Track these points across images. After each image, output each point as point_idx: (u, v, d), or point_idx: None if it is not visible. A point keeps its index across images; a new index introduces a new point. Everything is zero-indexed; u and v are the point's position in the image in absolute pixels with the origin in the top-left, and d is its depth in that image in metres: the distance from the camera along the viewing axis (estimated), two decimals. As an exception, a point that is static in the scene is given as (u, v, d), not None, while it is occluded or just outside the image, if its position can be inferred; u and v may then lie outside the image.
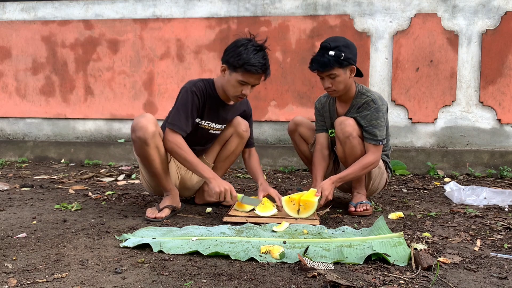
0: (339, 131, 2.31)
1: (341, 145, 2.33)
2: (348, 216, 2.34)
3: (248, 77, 2.14)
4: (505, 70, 3.80)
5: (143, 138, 2.10)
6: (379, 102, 2.31)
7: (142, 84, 4.26)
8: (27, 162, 4.25)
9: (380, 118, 2.30)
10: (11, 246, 1.78)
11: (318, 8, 4.00)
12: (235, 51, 2.14)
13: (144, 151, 2.15)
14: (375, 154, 2.30)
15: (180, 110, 2.20)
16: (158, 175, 2.24)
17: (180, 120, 2.19)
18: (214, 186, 2.15)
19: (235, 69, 2.15)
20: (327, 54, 2.21)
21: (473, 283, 1.45)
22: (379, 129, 2.30)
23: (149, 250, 1.73)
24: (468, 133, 3.92)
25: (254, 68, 2.11)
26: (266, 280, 1.45)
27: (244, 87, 2.18)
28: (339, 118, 2.35)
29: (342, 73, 2.24)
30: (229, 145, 2.47)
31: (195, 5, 4.15)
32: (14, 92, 4.45)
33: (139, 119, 2.13)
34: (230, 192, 2.16)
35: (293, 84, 4.05)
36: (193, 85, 2.25)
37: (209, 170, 2.22)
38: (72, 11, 4.33)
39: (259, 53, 2.13)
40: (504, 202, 2.59)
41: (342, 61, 2.20)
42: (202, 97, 2.26)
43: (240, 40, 2.19)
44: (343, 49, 2.21)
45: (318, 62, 2.24)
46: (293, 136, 2.70)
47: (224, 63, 2.21)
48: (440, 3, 3.86)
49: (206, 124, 2.34)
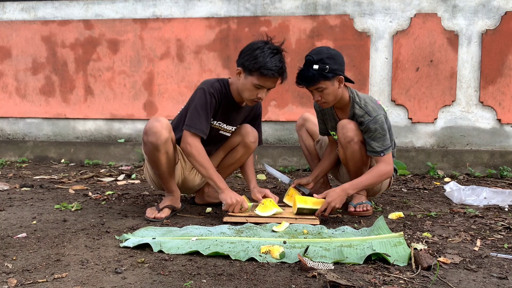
0: (341, 135, 2.29)
1: (343, 149, 2.33)
2: (348, 216, 2.34)
3: (264, 81, 2.10)
4: (505, 70, 3.80)
5: (155, 144, 2.09)
6: (373, 114, 2.24)
7: (142, 84, 4.26)
8: (27, 162, 4.25)
9: (377, 130, 2.23)
10: (11, 246, 1.78)
11: (318, 8, 4.00)
12: (251, 54, 2.09)
13: (153, 155, 2.14)
14: (385, 163, 2.24)
15: (201, 112, 2.16)
16: (163, 177, 2.25)
17: (200, 122, 2.16)
18: (226, 198, 2.17)
19: (251, 73, 2.10)
20: (311, 68, 2.16)
21: (473, 283, 1.45)
22: (377, 141, 2.23)
23: (149, 250, 1.73)
24: (468, 133, 3.92)
25: (270, 72, 2.07)
26: (266, 280, 1.45)
27: (260, 91, 2.14)
28: (342, 121, 2.32)
29: (329, 85, 2.19)
30: (235, 153, 2.44)
31: (195, 5, 4.15)
32: (14, 92, 4.45)
33: (154, 123, 2.10)
34: (242, 204, 2.19)
35: (293, 84, 4.02)
36: (210, 86, 2.21)
37: (222, 180, 2.21)
38: (72, 11, 4.33)
39: (275, 56, 2.09)
40: (504, 202, 2.59)
41: (327, 73, 2.15)
42: (219, 98, 2.23)
43: (256, 42, 2.14)
44: (327, 61, 2.15)
45: (303, 78, 2.19)
46: (300, 131, 2.71)
47: (239, 66, 2.16)
48: (440, 3, 3.86)
49: (217, 124, 2.32)
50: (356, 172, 2.36)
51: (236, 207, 2.18)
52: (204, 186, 2.54)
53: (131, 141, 4.30)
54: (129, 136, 4.33)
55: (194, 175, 2.46)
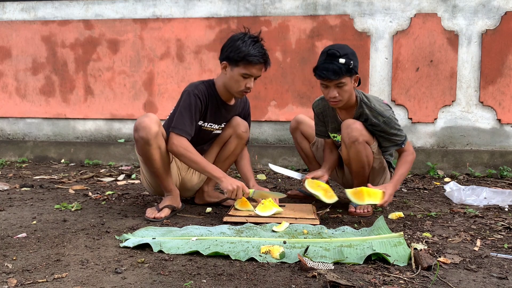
0: (345, 134, 2.27)
1: (347, 148, 2.30)
2: (348, 216, 2.34)
3: (250, 68, 2.16)
4: (505, 70, 3.80)
5: (146, 138, 2.10)
6: (386, 114, 2.27)
7: (142, 84, 4.26)
8: (27, 162, 4.25)
9: (393, 127, 2.29)
10: (11, 246, 1.78)
11: (318, 8, 4.00)
12: (234, 46, 2.16)
13: (146, 151, 2.15)
14: (408, 151, 2.37)
15: (184, 113, 2.20)
16: (159, 175, 2.25)
17: (184, 123, 2.19)
18: (226, 185, 2.18)
19: (237, 63, 2.16)
20: (337, 61, 2.14)
21: (473, 283, 1.45)
22: (396, 136, 2.31)
23: (149, 250, 1.73)
24: (468, 133, 3.92)
25: (256, 58, 2.14)
26: (266, 280, 1.45)
27: (248, 80, 2.19)
28: (347, 120, 2.30)
29: (349, 82, 2.19)
30: (229, 146, 2.46)
31: (195, 5, 4.16)
32: (14, 92, 4.45)
33: (143, 118, 2.13)
34: (243, 189, 2.20)
35: (293, 84, 4.05)
36: (195, 88, 2.25)
37: (218, 169, 2.23)
38: (72, 11, 4.33)
39: (257, 43, 2.17)
40: (504, 202, 2.59)
41: (351, 69, 2.16)
42: (205, 99, 2.26)
43: (235, 35, 2.22)
44: (352, 57, 2.17)
45: (329, 70, 2.14)
46: (295, 134, 2.70)
47: (224, 60, 2.22)
48: (440, 3, 3.86)
49: (208, 126, 2.35)
50: (358, 172, 2.36)
51: (238, 192, 2.19)
52: (203, 185, 2.54)
53: (131, 141, 4.30)
54: (129, 136, 4.33)
55: (191, 175, 2.47)
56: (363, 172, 2.35)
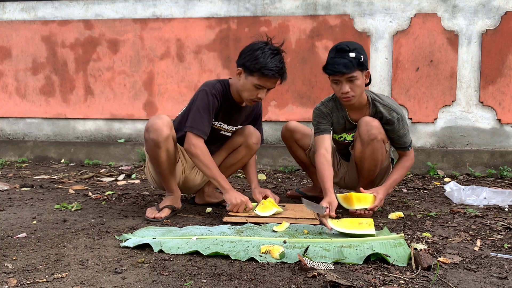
0: (364, 132, 2.23)
1: (363, 146, 2.26)
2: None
3: (265, 81, 2.12)
4: (505, 70, 3.80)
5: (156, 141, 2.11)
6: (399, 111, 2.27)
7: (142, 84, 4.26)
8: (27, 162, 4.25)
9: (405, 126, 2.29)
10: (11, 246, 1.78)
11: (318, 8, 4.00)
12: (252, 55, 2.12)
13: (154, 153, 2.15)
14: (409, 157, 2.37)
15: (202, 113, 2.18)
16: (163, 175, 2.26)
17: (203, 123, 2.18)
18: (230, 198, 2.18)
19: (252, 73, 2.12)
20: (347, 55, 2.11)
21: (473, 283, 1.45)
22: (405, 137, 2.31)
23: (149, 250, 1.73)
24: (468, 133, 3.92)
25: (271, 72, 2.09)
26: (266, 280, 1.45)
27: (260, 91, 2.16)
28: (365, 118, 2.26)
29: (361, 77, 2.16)
30: (237, 154, 2.45)
31: (195, 5, 4.16)
32: (14, 92, 4.45)
33: (155, 120, 2.12)
34: (246, 204, 2.20)
35: (293, 84, 4.05)
36: (212, 87, 2.22)
37: (226, 181, 2.23)
38: (72, 11, 4.33)
39: (276, 56, 2.11)
40: (504, 202, 2.59)
41: (362, 63, 2.13)
42: (221, 99, 2.25)
43: (256, 43, 2.16)
44: (361, 51, 2.15)
45: (340, 64, 2.10)
46: (289, 143, 2.65)
47: (240, 67, 2.18)
48: (440, 3, 3.86)
49: (218, 125, 2.33)
50: (370, 171, 2.35)
51: (241, 207, 2.19)
52: (204, 185, 2.54)
53: (131, 141, 4.30)
54: (129, 136, 4.33)
55: (195, 175, 2.46)
56: (374, 171, 2.35)
